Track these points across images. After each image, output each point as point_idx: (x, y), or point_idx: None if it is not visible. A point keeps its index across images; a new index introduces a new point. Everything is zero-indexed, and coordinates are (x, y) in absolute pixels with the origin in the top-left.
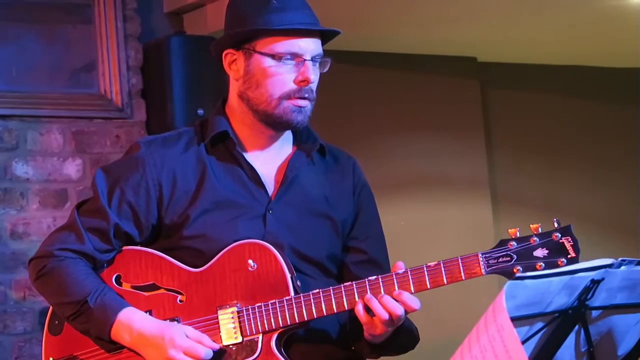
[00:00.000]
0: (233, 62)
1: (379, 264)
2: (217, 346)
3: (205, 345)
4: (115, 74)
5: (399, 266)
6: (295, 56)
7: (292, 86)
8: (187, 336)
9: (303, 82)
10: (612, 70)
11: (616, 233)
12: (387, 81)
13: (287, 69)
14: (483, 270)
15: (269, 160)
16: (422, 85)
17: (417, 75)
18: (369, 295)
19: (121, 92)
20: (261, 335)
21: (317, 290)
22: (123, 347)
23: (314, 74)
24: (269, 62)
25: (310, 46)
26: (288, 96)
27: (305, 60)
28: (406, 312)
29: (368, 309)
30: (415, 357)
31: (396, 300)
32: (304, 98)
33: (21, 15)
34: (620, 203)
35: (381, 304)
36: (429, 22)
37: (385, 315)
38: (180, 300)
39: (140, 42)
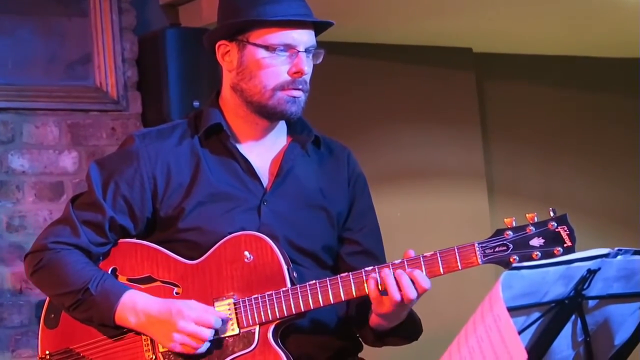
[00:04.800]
0: (226, 54)
1: (374, 255)
2: (225, 315)
3: (213, 314)
4: (110, 67)
5: (410, 253)
6: (288, 47)
7: (285, 77)
8: (192, 307)
9: (297, 73)
10: (610, 61)
11: (613, 224)
12: (382, 73)
13: (281, 60)
14: (479, 260)
15: (263, 152)
16: (418, 77)
17: (413, 67)
18: (386, 271)
19: (117, 85)
20: (258, 326)
21: (314, 281)
22: (127, 332)
23: (307, 66)
24: (262, 53)
25: (303, 38)
26: (282, 87)
27: (298, 51)
28: (418, 294)
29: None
30: (412, 348)
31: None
32: (298, 89)
33: (16, 7)
34: (617, 194)
35: (396, 280)
36: (424, 13)
37: (398, 296)
38: (176, 293)
39: (135, 34)
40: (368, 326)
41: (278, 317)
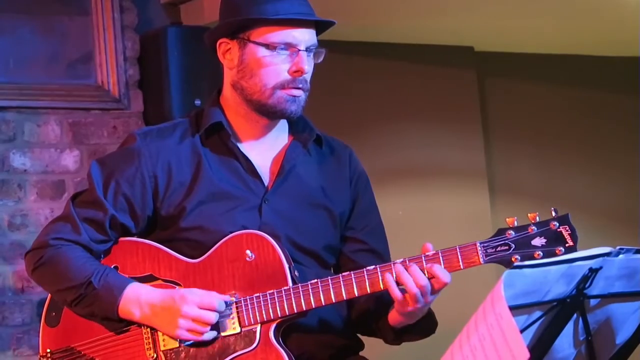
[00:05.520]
0: (227, 52)
1: (379, 253)
2: (227, 298)
3: (216, 297)
4: (112, 65)
5: (428, 247)
6: (289, 46)
7: (286, 76)
8: (195, 293)
9: (297, 72)
10: (611, 59)
11: (615, 223)
12: (383, 71)
13: (282, 59)
14: (481, 260)
15: (264, 151)
16: (419, 75)
17: (414, 65)
18: (399, 266)
19: (118, 83)
20: (259, 325)
21: (316, 280)
22: (130, 325)
23: (308, 65)
24: (263, 52)
25: (305, 37)
26: (282, 86)
27: (299, 50)
28: (435, 289)
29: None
30: (414, 346)
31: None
32: (298, 88)
33: (18, 6)
34: (619, 193)
35: (411, 275)
36: (425, 11)
37: (415, 289)
38: None
39: (137, 33)
40: (388, 325)
41: (279, 315)
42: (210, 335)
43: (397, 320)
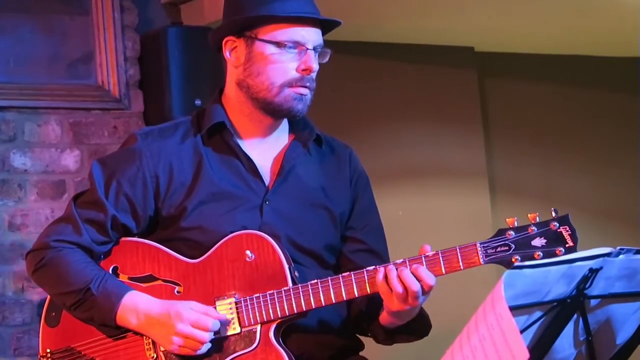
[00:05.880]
0: (233, 50)
1: (378, 254)
2: (223, 317)
3: (212, 317)
4: (112, 65)
5: (426, 249)
6: (297, 45)
7: (294, 74)
8: (192, 309)
9: (305, 70)
10: (611, 60)
11: (615, 223)
12: (384, 71)
13: (290, 57)
14: (481, 260)
15: (265, 151)
16: (419, 75)
17: (414, 65)
18: (390, 265)
19: (119, 83)
20: (259, 325)
21: (316, 281)
22: (127, 332)
23: (315, 64)
24: (271, 49)
25: (312, 36)
26: (290, 84)
27: (307, 49)
28: (424, 291)
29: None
30: (414, 346)
31: (414, 275)
32: (306, 87)
33: (18, 6)
34: (619, 193)
35: (399, 277)
36: (426, 12)
37: (400, 289)
38: (177, 292)
39: (137, 32)
40: (379, 324)
41: (279, 316)
42: (204, 349)
43: (387, 321)
